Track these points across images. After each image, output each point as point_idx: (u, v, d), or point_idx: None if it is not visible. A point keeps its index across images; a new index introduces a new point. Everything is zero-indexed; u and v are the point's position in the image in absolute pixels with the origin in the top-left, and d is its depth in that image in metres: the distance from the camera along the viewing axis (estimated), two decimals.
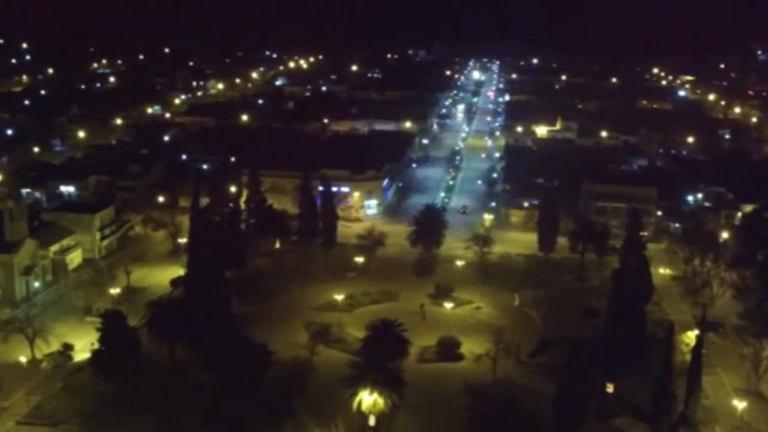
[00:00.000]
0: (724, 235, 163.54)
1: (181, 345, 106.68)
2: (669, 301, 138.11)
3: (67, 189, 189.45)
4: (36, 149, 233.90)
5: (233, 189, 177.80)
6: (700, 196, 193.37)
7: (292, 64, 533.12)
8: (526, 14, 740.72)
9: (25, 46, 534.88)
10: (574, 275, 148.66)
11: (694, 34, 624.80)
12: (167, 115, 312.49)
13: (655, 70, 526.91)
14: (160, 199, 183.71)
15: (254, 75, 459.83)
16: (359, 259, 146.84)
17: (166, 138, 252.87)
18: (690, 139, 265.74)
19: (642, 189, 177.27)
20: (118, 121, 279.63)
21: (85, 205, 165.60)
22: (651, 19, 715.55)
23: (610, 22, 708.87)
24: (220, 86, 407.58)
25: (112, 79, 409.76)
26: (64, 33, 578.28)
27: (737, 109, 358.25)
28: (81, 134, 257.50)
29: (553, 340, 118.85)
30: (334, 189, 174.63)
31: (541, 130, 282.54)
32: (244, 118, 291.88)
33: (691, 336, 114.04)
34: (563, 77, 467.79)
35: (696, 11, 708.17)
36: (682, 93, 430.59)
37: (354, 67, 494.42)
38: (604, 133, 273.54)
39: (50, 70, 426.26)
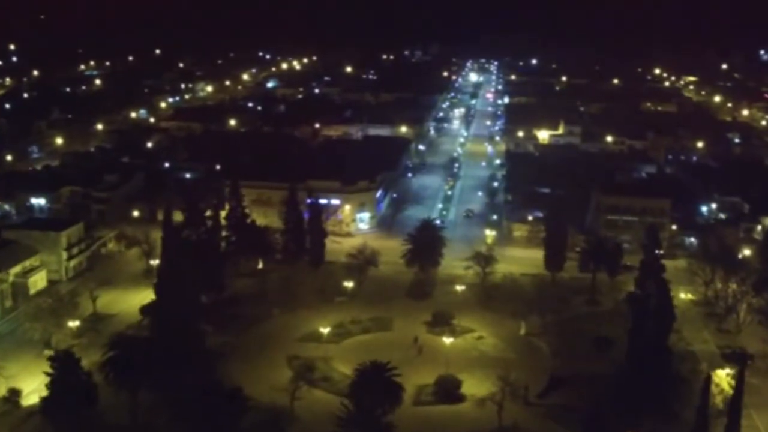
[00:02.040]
0: (746, 252, 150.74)
1: (145, 388, 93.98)
2: (690, 327, 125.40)
3: (38, 201, 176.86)
4: (9, 157, 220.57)
5: (215, 202, 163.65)
6: (714, 206, 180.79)
7: (284, 66, 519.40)
8: (524, 13, 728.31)
9: (12, 47, 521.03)
10: (585, 298, 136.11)
11: (693, 33, 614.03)
12: (151, 119, 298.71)
13: (657, 71, 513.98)
14: (137, 212, 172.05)
15: (245, 77, 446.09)
16: (349, 284, 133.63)
17: (150, 144, 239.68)
18: (699, 144, 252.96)
19: (655, 201, 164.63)
20: (100, 127, 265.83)
21: (52, 221, 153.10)
22: (650, 18, 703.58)
23: (608, 21, 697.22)
24: (210, 89, 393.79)
25: (98, 81, 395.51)
26: (53, 34, 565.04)
27: (745, 112, 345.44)
28: (59, 140, 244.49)
29: (564, 377, 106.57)
30: (324, 201, 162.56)
31: (543, 135, 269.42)
32: (233, 122, 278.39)
33: (721, 375, 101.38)
34: (563, 78, 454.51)
35: (694, 10, 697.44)
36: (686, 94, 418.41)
37: (348, 69, 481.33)
38: (609, 138, 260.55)
39: (35, 72, 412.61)
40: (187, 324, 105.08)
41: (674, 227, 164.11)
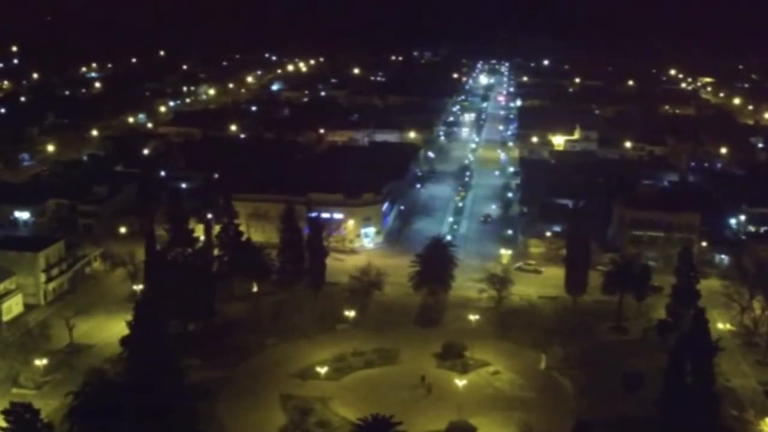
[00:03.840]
0: None
1: None
2: (727, 359, 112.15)
3: (22, 215, 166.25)
4: None
5: (208, 216, 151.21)
6: (743, 218, 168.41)
7: (291, 68, 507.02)
8: (534, 13, 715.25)
9: (15, 49, 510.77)
10: (610, 325, 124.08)
11: (707, 32, 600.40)
12: (149, 125, 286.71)
13: (672, 72, 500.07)
14: (127, 228, 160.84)
15: (250, 79, 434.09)
16: (350, 313, 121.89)
17: (146, 151, 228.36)
18: (722, 150, 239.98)
19: (683, 215, 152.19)
20: (94, 132, 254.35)
21: (29, 240, 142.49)
22: (663, 18, 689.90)
23: (620, 21, 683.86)
24: (212, 91, 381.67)
25: (98, 84, 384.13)
26: (57, 35, 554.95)
27: (767, 114, 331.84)
28: (52, 147, 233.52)
29: (591, 422, 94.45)
30: (326, 215, 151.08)
31: (558, 140, 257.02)
32: (234, 127, 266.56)
33: None
34: (576, 80, 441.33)
35: (707, 8, 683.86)
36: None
37: (356, 70, 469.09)
38: (627, 144, 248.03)
39: (35, 75, 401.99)
40: (169, 361, 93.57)
41: (704, 244, 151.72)
